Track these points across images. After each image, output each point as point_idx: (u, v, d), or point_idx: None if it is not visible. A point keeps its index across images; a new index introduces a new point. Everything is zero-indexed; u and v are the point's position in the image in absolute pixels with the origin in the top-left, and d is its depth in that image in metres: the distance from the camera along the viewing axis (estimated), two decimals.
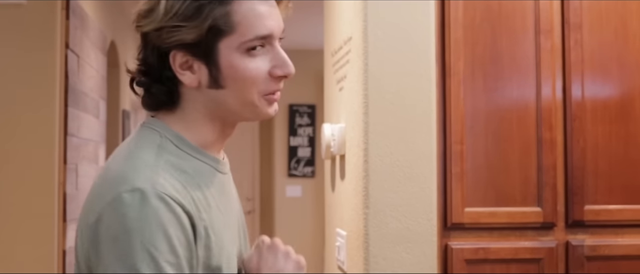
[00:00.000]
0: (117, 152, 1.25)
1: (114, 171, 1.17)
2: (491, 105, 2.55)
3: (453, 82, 2.53)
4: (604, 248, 2.57)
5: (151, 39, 1.21)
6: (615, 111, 2.60)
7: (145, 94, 1.26)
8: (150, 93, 1.25)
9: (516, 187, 2.54)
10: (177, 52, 1.21)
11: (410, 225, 2.43)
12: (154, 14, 1.20)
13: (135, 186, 1.12)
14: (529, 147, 2.55)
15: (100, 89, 4.80)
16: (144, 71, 1.25)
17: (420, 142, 2.45)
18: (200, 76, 1.23)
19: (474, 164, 2.53)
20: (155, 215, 1.10)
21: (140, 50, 1.24)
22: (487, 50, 2.56)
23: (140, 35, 1.23)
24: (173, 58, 1.22)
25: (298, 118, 8.26)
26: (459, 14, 2.54)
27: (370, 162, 2.42)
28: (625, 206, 2.58)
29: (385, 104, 2.44)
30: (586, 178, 2.57)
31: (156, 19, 1.19)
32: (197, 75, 1.23)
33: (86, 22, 4.28)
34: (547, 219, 2.55)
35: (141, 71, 1.25)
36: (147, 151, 1.20)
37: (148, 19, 1.20)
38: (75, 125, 3.94)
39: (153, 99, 1.25)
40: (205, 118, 1.26)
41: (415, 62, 2.46)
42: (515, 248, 2.53)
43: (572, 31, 2.59)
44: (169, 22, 1.19)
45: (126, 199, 1.11)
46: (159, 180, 1.14)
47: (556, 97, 2.58)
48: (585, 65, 2.59)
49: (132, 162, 1.18)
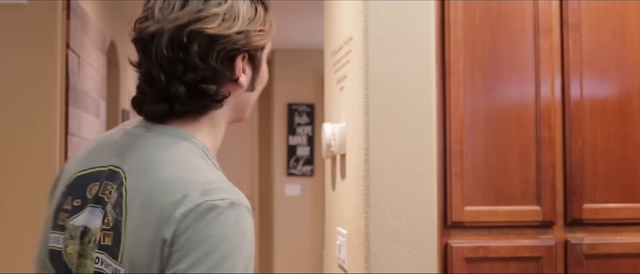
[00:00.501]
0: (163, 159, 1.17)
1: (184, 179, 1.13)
2: (491, 104, 2.57)
3: (453, 82, 2.54)
4: (603, 246, 2.58)
5: (223, 42, 1.19)
6: (613, 111, 2.61)
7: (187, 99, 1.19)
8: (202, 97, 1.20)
9: (515, 186, 2.56)
10: (243, 55, 1.23)
11: (410, 224, 2.44)
12: (235, 18, 1.19)
13: (225, 197, 1.11)
14: (528, 146, 2.57)
15: (100, 89, 4.81)
16: (211, 75, 1.19)
17: (421, 141, 2.46)
18: (247, 78, 1.26)
19: (473, 163, 2.54)
20: (250, 228, 1.12)
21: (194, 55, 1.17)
22: (487, 51, 2.57)
23: (200, 38, 1.17)
24: (241, 61, 1.23)
25: (297, 117, 8.25)
26: (458, 14, 2.55)
27: (371, 161, 2.43)
28: (624, 204, 2.60)
29: (386, 104, 2.45)
30: (585, 177, 2.58)
31: (238, 22, 1.20)
32: (246, 77, 1.26)
33: (86, 22, 4.29)
34: (546, 218, 2.56)
35: (207, 75, 1.19)
36: (201, 162, 1.18)
37: (229, 23, 1.19)
38: (76, 124, 3.95)
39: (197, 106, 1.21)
40: (226, 122, 1.28)
41: (415, 62, 2.47)
42: (514, 246, 2.55)
43: (570, 31, 2.60)
44: (250, 26, 1.21)
45: (221, 208, 1.10)
46: (240, 193, 1.15)
47: (555, 96, 2.59)
48: (583, 65, 2.60)
49: (203, 173, 1.15)
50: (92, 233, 1.17)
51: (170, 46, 1.16)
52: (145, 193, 1.12)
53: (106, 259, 1.14)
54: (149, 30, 1.18)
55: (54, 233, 1.24)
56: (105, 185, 1.19)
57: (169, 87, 1.17)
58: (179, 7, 1.17)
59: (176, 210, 1.09)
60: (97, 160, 1.23)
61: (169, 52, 1.16)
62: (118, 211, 1.14)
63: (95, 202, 1.19)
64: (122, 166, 1.19)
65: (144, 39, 1.19)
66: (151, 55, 1.18)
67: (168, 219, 1.09)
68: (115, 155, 1.21)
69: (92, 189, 1.20)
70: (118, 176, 1.18)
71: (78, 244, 1.19)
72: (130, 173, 1.17)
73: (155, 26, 1.17)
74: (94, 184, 1.20)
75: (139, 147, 1.20)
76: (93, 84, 4.52)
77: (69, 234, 1.20)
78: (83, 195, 1.21)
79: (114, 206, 1.15)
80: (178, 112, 1.20)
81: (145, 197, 1.12)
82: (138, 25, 1.21)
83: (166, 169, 1.14)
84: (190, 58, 1.16)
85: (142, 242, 1.10)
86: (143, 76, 1.21)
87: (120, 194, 1.15)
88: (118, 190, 1.16)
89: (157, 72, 1.17)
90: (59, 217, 1.23)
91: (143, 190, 1.13)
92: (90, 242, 1.17)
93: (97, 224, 1.16)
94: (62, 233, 1.22)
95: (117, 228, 1.13)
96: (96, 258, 1.15)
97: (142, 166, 1.16)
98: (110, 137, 1.26)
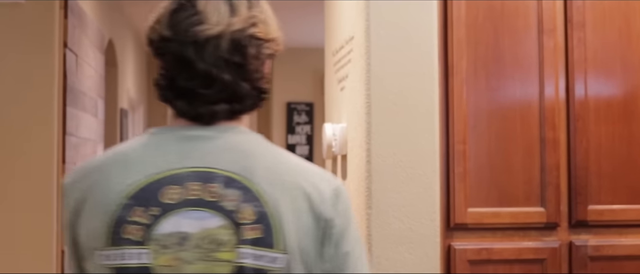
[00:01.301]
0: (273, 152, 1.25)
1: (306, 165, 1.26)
2: (494, 104, 2.54)
3: (456, 81, 2.51)
4: (608, 248, 2.56)
5: (267, 46, 1.24)
6: (618, 111, 2.59)
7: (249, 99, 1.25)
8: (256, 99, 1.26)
9: (519, 187, 2.53)
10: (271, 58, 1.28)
11: (413, 225, 2.41)
12: (272, 24, 1.26)
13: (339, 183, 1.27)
14: (532, 147, 2.54)
15: (98, 88, 4.78)
16: (261, 76, 1.26)
17: (423, 142, 2.44)
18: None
19: (476, 164, 2.51)
20: None
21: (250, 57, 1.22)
22: (490, 50, 2.54)
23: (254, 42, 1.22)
24: (269, 64, 1.29)
25: (296, 116, 8.24)
26: (461, 13, 2.53)
27: (373, 162, 2.41)
28: (629, 206, 2.57)
29: (388, 104, 2.43)
30: (589, 178, 2.56)
31: (274, 28, 1.26)
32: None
33: (84, 21, 4.26)
34: (550, 220, 2.54)
35: (260, 76, 1.25)
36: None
37: (270, 28, 1.25)
38: (74, 124, 3.92)
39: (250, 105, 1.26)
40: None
41: (417, 62, 2.44)
42: (518, 248, 2.52)
43: (575, 30, 2.57)
44: (278, 32, 1.27)
45: (345, 191, 1.27)
46: None
47: (559, 96, 2.56)
48: (588, 65, 2.58)
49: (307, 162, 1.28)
50: (200, 235, 1.15)
51: (231, 49, 1.20)
52: (288, 183, 1.20)
53: (255, 251, 1.15)
54: (208, 33, 1.20)
55: (121, 248, 1.15)
56: (192, 186, 1.17)
57: (235, 87, 1.21)
58: (230, 13, 1.22)
59: (325, 195, 1.21)
60: (155, 166, 1.19)
61: (230, 55, 1.20)
62: (257, 204, 1.16)
63: (191, 205, 1.16)
64: (217, 165, 1.18)
65: (198, 41, 1.20)
66: (209, 57, 1.20)
67: (323, 203, 1.20)
68: (187, 157, 1.19)
69: (167, 194, 1.16)
70: (216, 175, 1.17)
71: (178, 251, 1.14)
72: (242, 170, 1.18)
73: (215, 29, 1.20)
74: (170, 188, 1.17)
75: (233, 144, 1.22)
76: (91, 83, 4.49)
77: (156, 245, 1.14)
78: (157, 202, 1.16)
79: (242, 201, 1.16)
80: (236, 111, 1.24)
81: (288, 189, 1.19)
82: (192, 28, 1.20)
83: (293, 162, 1.24)
84: (247, 60, 1.21)
85: (302, 226, 1.18)
86: (200, 76, 1.20)
87: (243, 189, 1.17)
88: (234, 186, 1.17)
89: (220, 74, 1.20)
90: (126, 231, 1.15)
91: (284, 181, 1.19)
92: (209, 244, 1.15)
93: (210, 224, 1.15)
94: (142, 247, 1.15)
95: (264, 220, 1.15)
96: (241, 254, 1.14)
97: (254, 162, 1.20)
98: (161, 144, 1.23)
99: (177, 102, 1.22)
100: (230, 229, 1.15)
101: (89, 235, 1.18)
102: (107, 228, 1.16)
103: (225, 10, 1.22)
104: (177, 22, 1.21)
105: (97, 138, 4.70)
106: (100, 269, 1.17)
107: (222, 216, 1.15)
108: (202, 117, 1.22)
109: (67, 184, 1.24)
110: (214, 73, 1.19)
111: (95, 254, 1.17)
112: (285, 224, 1.16)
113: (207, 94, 1.21)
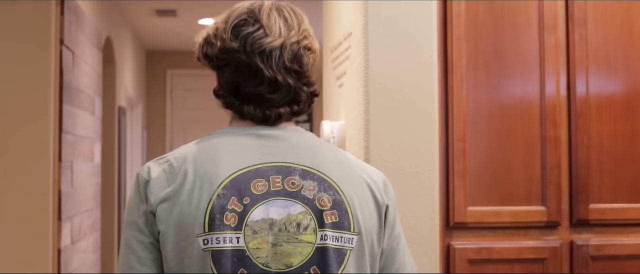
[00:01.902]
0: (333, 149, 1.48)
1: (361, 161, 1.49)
2: (494, 102, 2.51)
3: (455, 78, 2.49)
4: (610, 247, 2.53)
5: (312, 56, 1.44)
6: (620, 108, 2.56)
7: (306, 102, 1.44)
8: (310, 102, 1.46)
9: (520, 186, 2.50)
10: None
11: (412, 224, 2.39)
12: (314, 36, 1.46)
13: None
14: (533, 144, 2.51)
15: (95, 86, 4.75)
16: (313, 82, 1.45)
17: (422, 140, 2.41)
18: None
19: (476, 162, 2.49)
20: None
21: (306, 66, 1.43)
22: (490, 46, 2.51)
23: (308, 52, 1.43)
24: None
25: None
26: (461, 9, 2.50)
27: (371, 160, 2.38)
28: (631, 204, 2.55)
29: (386, 101, 2.40)
30: (591, 176, 2.53)
31: (315, 40, 1.46)
32: None
33: (81, 18, 4.22)
34: (551, 218, 2.51)
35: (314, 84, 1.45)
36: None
37: (314, 39, 1.46)
38: (71, 122, 3.89)
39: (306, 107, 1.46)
40: None
41: (416, 58, 2.42)
42: (518, 247, 2.50)
43: (576, 26, 2.55)
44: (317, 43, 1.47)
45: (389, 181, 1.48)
46: None
47: (560, 93, 2.54)
48: (590, 62, 2.55)
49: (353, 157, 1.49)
50: (284, 220, 1.33)
51: (291, 58, 1.39)
52: (354, 174, 1.41)
53: (335, 233, 1.35)
54: (272, 44, 1.39)
55: (220, 233, 1.32)
56: (275, 179, 1.35)
57: (297, 91, 1.41)
58: (287, 27, 1.42)
59: (379, 184, 1.43)
60: (242, 160, 1.36)
61: (291, 63, 1.39)
62: (332, 193, 1.36)
63: (276, 195, 1.34)
64: (293, 160, 1.37)
65: (265, 51, 1.38)
66: (274, 65, 1.39)
67: (380, 191, 1.42)
68: (267, 153, 1.38)
69: (257, 185, 1.34)
70: (294, 169, 1.36)
71: (267, 235, 1.33)
72: (315, 164, 1.38)
73: (278, 41, 1.39)
74: (258, 180, 1.35)
75: (302, 141, 1.42)
76: (88, 80, 4.46)
77: (249, 230, 1.32)
78: (249, 193, 1.33)
79: (320, 190, 1.35)
80: (295, 112, 1.43)
81: (356, 178, 1.40)
82: (259, 39, 1.39)
83: (351, 157, 1.46)
84: (303, 68, 1.41)
85: (367, 211, 1.39)
86: (266, 82, 1.38)
87: (319, 180, 1.36)
88: (311, 178, 1.36)
89: (285, 80, 1.39)
90: (224, 218, 1.32)
91: (351, 172, 1.40)
92: (293, 228, 1.34)
93: (293, 211, 1.34)
94: (235, 231, 1.32)
95: (339, 206, 1.35)
96: (321, 236, 1.33)
97: (322, 157, 1.40)
98: (238, 142, 1.40)
99: (244, 106, 1.40)
100: (310, 214, 1.34)
101: (185, 221, 1.32)
102: (205, 216, 1.32)
103: (282, 24, 1.41)
104: (243, 36, 1.39)
105: (94, 136, 4.66)
106: (195, 253, 1.32)
107: (302, 204, 1.34)
108: (268, 118, 1.40)
109: (152, 176, 1.37)
110: (279, 79, 1.38)
111: (190, 241, 1.32)
112: (356, 209, 1.37)
113: (273, 98, 1.39)
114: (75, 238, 4.01)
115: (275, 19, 1.42)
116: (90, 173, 4.51)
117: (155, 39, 7.72)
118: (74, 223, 3.98)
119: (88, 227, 4.45)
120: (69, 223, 3.84)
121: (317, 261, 1.33)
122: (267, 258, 1.32)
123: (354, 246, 1.36)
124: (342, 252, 1.35)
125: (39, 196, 3.50)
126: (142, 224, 1.36)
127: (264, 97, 1.39)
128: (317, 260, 1.33)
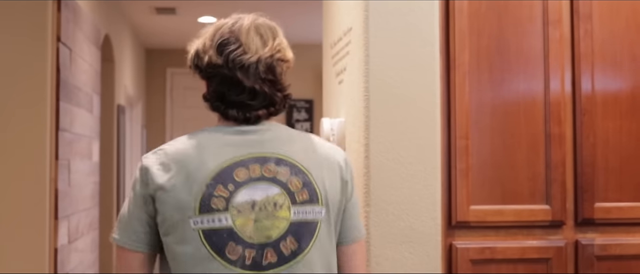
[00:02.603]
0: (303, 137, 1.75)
1: (326, 143, 1.78)
2: (497, 98, 2.47)
3: (458, 74, 2.44)
4: (615, 247, 2.50)
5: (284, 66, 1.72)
6: (626, 105, 2.52)
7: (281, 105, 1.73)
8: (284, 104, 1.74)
9: (523, 184, 2.46)
10: None
11: (413, 224, 2.35)
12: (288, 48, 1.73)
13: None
14: (537, 142, 2.47)
15: (94, 84, 4.71)
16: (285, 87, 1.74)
17: (424, 137, 2.37)
18: None
19: (479, 160, 2.44)
20: None
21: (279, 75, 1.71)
22: (494, 41, 2.47)
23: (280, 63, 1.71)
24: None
25: (296, 113, 8.21)
26: (464, 3, 2.46)
27: (372, 158, 2.34)
28: (637, 203, 2.51)
29: (387, 97, 2.36)
30: (596, 175, 2.49)
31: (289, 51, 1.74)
32: None
33: (79, 15, 4.18)
34: (555, 218, 2.47)
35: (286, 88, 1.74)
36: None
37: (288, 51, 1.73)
38: (68, 120, 3.85)
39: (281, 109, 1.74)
40: None
41: (418, 53, 2.37)
42: (522, 247, 2.45)
43: (581, 21, 2.51)
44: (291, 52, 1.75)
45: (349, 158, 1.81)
46: None
47: (565, 90, 2.49)
48: (595, 57, 2.51)
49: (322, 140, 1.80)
50: (264, 201, 1.61)
51: (267, 70, 1.68)
52: (319, 157, 1.70)
53: (305, 208, 1.64)
54: (250, 60, 1.67)
55: (207, 215, 1.60)
56: (254, 167, 1.63)
57: (273, 97, 1.70)
58: (262, 43, 1.69)
59: (342, 163, 1.73)
60: (226, 154, 1.64)
61: (266, 75, 1.68)
62: (302, 176, 1.65)
63: (256, 181, 1.62)
64: (270, 151, 1.66)
65: (244, 65, 1.66)
66: (251, 77, 1.67)
67: (342, 169, 1.73)
68: (247, 147, 1.66)
69: (239, 173, 1.62)
70: (269, 158, 1.65)
71: (249, 213, 1.60)
72: (287, 152, 1.67)
73: (254, 57, 1.67)
74: (239, 170, 1.62)
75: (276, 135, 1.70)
76: (86, 78, 4.41)
77: (234, 210, 1.60)
78: (232, 180, 1.61)
79: (291, 174, 1.64)
80: (272, 113, 1.72)
81: (321, 160, 1.70)
82: (239, 57, 1.66)
83: (317, 142, 1.74)
84: (276, 77, 1.71)
85: (334, 187, 1.69)
86: (247, 91, 1.67)
87: (290, 166, 1.65)
88: (283, 164, 1.65)
89: (262, 88, 1.68)
90: (212, 202, 1.60)
91: (316, 156, 1.70)
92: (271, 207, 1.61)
93: (270, 193, 1.62)
94: (223, 212, 1.60)
95: (309, 186, 1.65)
96: (294, 212, 1.62)
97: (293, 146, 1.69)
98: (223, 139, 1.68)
99: (229, 110, 1.68)
100: (284, 195, 1.63)
101: (180, 206, 1.60)
102: (197, 201, 1.60)
103: (258, 41, 1.69)
104: (226, 53, 1.67)
105: (92, 134, 4.62)
106: (188, 233, 1.60)
107: (278, 186, 1.63)
108: (249, 120, 1.69)
109: (153, 167, 1.65)
110: (257, 88, 1.67)
111: (184, 222, 1.60)
112: (323, 186, 1.67)
113: (252, 104, 1.69)
114: (72, 237, 3.97)
115: (252, 37, 1.69)
116: (88, 172, 4.47)
117: (154, 37, 7.68)
118: (71, 221, 3.94)
119: (86, 226, 4.41)
120: (66, 222, 3.80)
121: (293, 233, 1.62)
122: (251, 232, 1.60)
123: (323, 217, 1.66)
124: (314, 223, 1.65)
125: (35, 194, 3.47)
126: (141, 203, 1.66)
127: (245, 103, 1.68)
128: (292, 232, 1.62)
